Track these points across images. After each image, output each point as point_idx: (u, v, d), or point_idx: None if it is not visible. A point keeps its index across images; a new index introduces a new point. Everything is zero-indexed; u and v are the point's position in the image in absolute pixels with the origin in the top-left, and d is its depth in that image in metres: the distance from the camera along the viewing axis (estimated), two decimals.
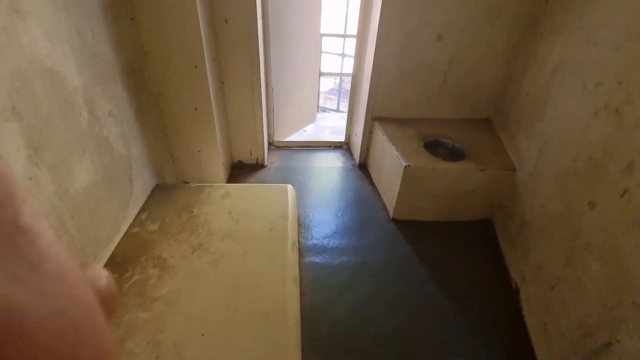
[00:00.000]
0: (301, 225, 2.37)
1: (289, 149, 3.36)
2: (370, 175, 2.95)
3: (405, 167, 2.17)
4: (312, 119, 4.00)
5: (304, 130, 3.95)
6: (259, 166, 2.99)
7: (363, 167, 3.08)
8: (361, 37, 2.75)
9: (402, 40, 2.44)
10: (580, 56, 1.69)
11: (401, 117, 2.82)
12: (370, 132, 2.90)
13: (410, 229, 2.38)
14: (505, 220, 2.23)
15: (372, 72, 2.56)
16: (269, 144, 3.36)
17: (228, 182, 2.76)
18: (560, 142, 1.74)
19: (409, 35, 2.41)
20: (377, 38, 2.40)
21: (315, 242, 2.24)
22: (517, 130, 2.27)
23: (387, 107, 2.77)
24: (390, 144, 2.43)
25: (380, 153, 2.70)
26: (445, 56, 2.51)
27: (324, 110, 8.78)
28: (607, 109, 1.44)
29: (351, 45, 3.19)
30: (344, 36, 4.50)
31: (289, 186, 2.21)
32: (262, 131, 2.78)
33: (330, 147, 3.44)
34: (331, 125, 4.12)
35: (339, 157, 3.25)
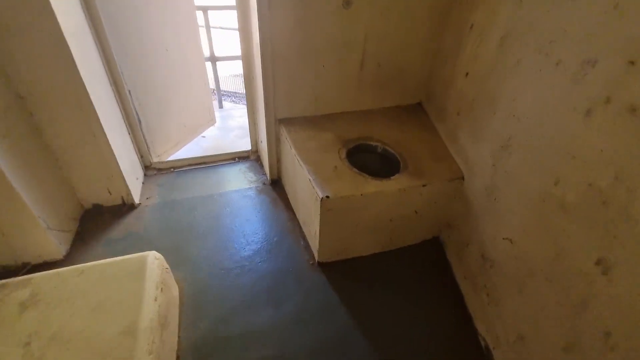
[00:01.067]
0: (184, 305, 1.60)
1: (177, 170, 2.48)
2: (286, 195, 2.25)
3: (323, 199, 1.50)
4: (211, 121, 3.11)
5: (203, 137, 3.06)
6: (126, 207, 2.09)
7: (276, 183, 2.36)
8: (242, 3, 1.93)
9: (298, 10, 1.69)
10: (546, 20, 1.13)
11: (314, 116, 2.12)
12: (278, 139, 2.17)
13: (344, 275, 1.76)
14: (460, 247, 1.72)
15: (261, 57, 1.79)
16: (146, 167, 2.44)
17: (73, 244, 1.83)
18: (530, 150, 1.21)
19: (305, 3, 1.67)
20: (258, 5, 1.62)
21: (205, 332, 1.50)
22: (459, 125, 1.72)
23: (293, 104, 2.05)
24: (301, 162, 1.73)
25: (292, 170, 2.00)
26: (359, 30, 1.84)
27: (233, 98, 7.72)
28: (612, 104, 0.89)
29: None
30: (223, 8, 3.52)
31: (150, 256, 1.41)
32: (115, 159, 1.87)
33: (234, 159, 2.63)
34: (240, 124, 3.28)
35: (246, 173, 2.48)
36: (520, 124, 1.26)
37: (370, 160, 1.95)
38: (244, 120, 3.36)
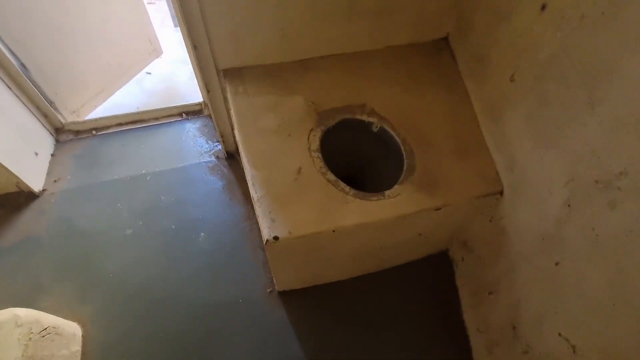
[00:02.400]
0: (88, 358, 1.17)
1: (100, 133, 1.82)
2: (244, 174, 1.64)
3: (269, 242, 0.91)
4: (154, 52, 2.29)
5: (148, 73, 2.30)
6: (24, 197, 1.52)
7: (234, 157, 1.73)
8: None
9: None
10: None
11: (280, 63, 1.37)
12: (226, 99, 1.46)
13: (314, 309, 1.29)
14: (478, 286, 1.19)
15: None
16: (58, 131, 1.78)
17: None
18: None
19: None
20: None
21: None
22: (511, 100, 1.00)
23: (244, 45, 1.28)
24: (246, 159, 1.08)
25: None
26: None
27: None
28: None
29: None
30: None
31: (8, 322, 0.92)
32: None
33: (180, 115, 1.94)
34: None
35: (195, 139, 1.82)
36: None
37: (360, 146, 1.29)
38: None
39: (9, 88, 1.48)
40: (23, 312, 1.01)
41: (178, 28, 2.74)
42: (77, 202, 1.52)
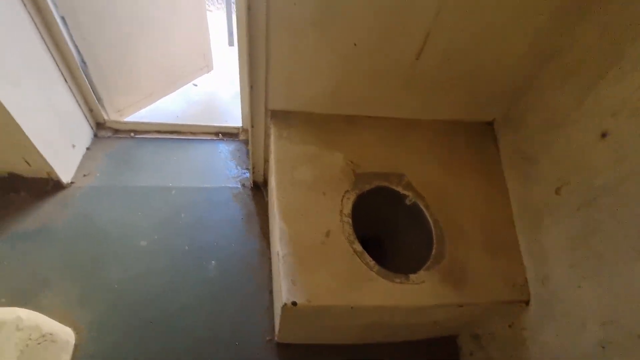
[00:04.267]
0: None
1: (138, 136, 1.87)
2: (267, 211, 1.64)
3: (286, 306, 0.89)
4: (205, 67, 2.37)
5: (195, 85, 2.37)
6: (51, 185, 1.55)
7: (259, 189, 1.74)
8: None
9: None
10: None
11: (326, 115, 1.39)
12: (268, 135, 1.48)
13: None
14: None
15: (247, 15, 1.04)
16: (99, 125, 1.84)
17: None
18: None
19: None
20: None
21: None
22: (554, 212, 0.99)
23: (296, 92, 1.31)
24: (278, 208, 1.08)
25: (271, 197, 1.35)
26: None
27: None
28: None
29: None
30: None
31: (9, 324, 0.91)
32: (18, 125, 1.27)
33: (217, 135, 1.98)
34: None
35: (227, 161, 1.85)
36: None
37: (390, 213, 1.28)
38: None
39: (65, 80, 1.54)
40: (25, 315, 1.00)
41: (232, 47, 2.86)
42: (100, 201, 1.54)
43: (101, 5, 1.52)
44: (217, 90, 2.35)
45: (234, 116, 2.13)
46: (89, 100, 1.69)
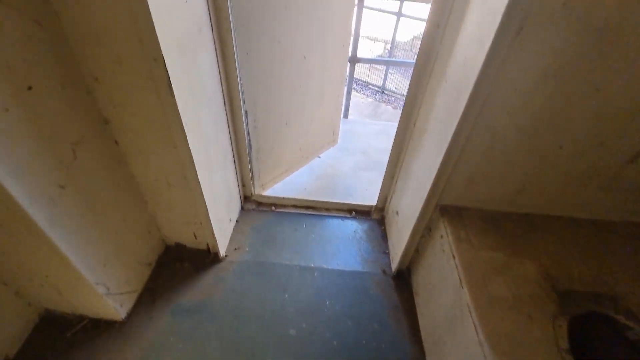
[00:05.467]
0: None
1: (278, 210, 1.95)
2: (414, 305, 1.50)
3: None
4: (333, 142, 2.49)
5: (318, 157, 2.49)
6: (210, 258, 1.64)
7: (402, 277, 1.62)
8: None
9: (555, 53, 0.84)
10: None
11: (503, 213, 1.27)
12: (429, 230, 1.40)
13: None
14: None
15: (461, 116, 1.02)
16: (245, 198, 1.97)
17: (139, 302, 1.46)
18: None
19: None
20: (497, 33, 0.83)
21: None
22: None
23: (477, 187, 1.23)
24: (483, 340, 0.94)
25: (440, 293, 1.22)
26: None
27: (362, 88, 7.18)
28: None
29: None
30: None
31: None
32: (206, 208, 1.39)
33: (349, 212, 1.97)
34: (363, 148, 2.60)
35: (361, 242, 1.80)
36: None
37: (601, 351, 1.04)
38: (369, 142, 2.66)
39: (234, 163, 1.70)
40: None
41: (346, 119, 3.01)
42: (250, 278, 1.57)
43: (273, 99, 1.70)
44: (337, 162, 2.41)
45: (357, 189, 2.14)
46: (245, 177, 1.84)
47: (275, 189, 2.11)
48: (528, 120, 1.00)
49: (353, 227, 1.87)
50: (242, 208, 1.93)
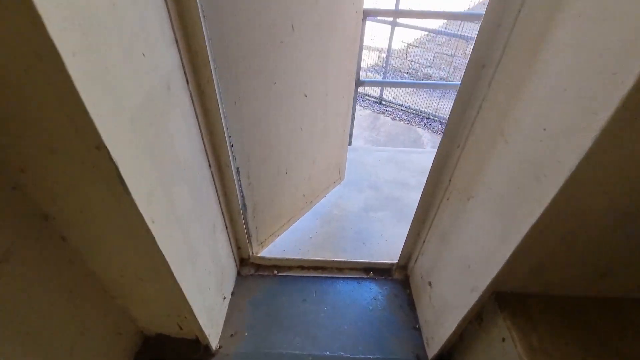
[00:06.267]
0: None
1: (281, 274, 1.64)
2: None
3: None
4: (338, 180, 2.19)
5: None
6: (200, 353, 1.32)
7: None
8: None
9: None
10: None
11: (572, 296, 0.97)
12: (480, 320, 1.09)
13: None
14: None
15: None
16: (242, 261, 1.65)
17: None
18: None
19: None
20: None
21: None
22: None
23: (550, 272, 0.93)
24: None
25: None
26: None
27: (359, 99, 6.95)
28: None
29: None
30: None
31: None
32: (187, 301, 1.07)
33: (365, 272, 1.66)
34: (373, 182, 2.30)
35: (383, 312, 1.48)
36: None
37: None
38: (378, 174, 2.36)
39: (226, 228, 1.39)
40: None
41: (350, 146, 2.72)
42: None
43: (269, 148, 1.39)
44: (344, 201, 2.11)
45: (370, 235, 1.83)
46: (240, 239, 1.53)
47: (276, 244, 1.79)
48: (631, 200, 0.71)
49: (372, 293, 1.56)
50: (239, 273, 1.62)
